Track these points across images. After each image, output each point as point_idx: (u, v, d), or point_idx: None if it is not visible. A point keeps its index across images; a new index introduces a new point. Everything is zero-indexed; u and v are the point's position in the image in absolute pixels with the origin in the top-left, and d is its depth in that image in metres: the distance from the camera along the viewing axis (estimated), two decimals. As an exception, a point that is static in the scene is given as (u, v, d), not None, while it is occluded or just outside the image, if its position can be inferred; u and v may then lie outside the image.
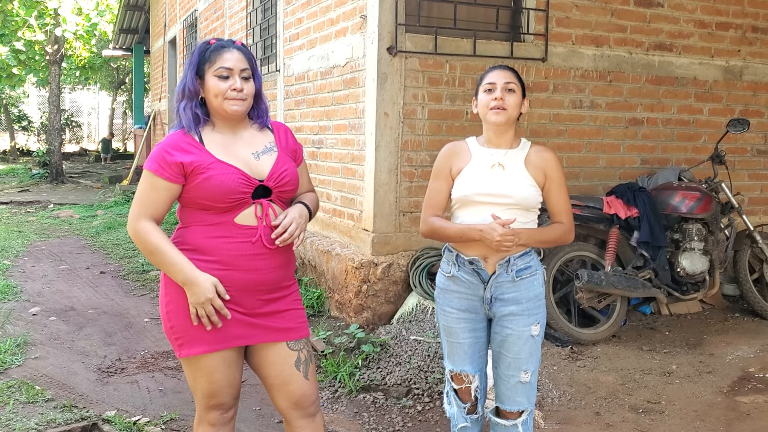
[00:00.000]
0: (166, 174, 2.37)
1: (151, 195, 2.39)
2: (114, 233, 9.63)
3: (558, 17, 5.61)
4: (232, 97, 2.40)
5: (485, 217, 2.65)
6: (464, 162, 2.76)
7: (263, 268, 2.44)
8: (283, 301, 2.53)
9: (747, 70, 6.39)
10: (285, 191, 2.49)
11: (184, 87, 2.43)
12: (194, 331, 2.41)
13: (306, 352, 2.57)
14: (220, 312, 2.38)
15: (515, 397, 2.74)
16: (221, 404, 2.52)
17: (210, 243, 2.40)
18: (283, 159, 2.50)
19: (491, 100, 2.68)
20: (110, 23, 17.87)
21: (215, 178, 2.35)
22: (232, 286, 2.41)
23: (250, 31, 8.18)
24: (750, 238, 5.76)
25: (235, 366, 2.51)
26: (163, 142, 2.43)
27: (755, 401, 4.12)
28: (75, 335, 5.28)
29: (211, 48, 2.43)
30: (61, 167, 17.69)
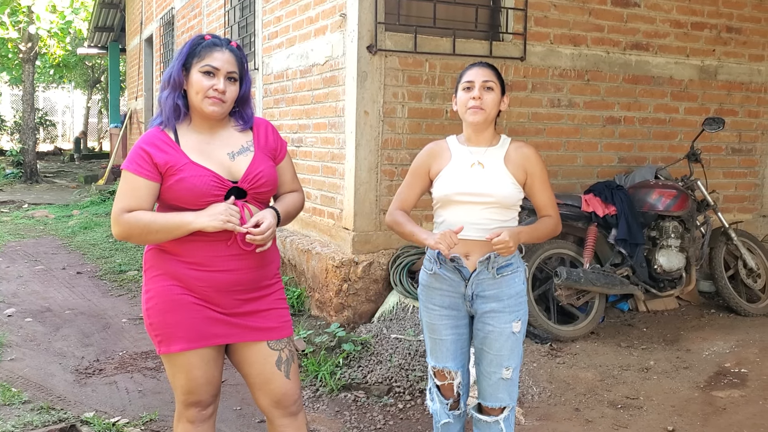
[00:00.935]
0: (144, 172, 2.36)
1: (132, 194, 2.37)
2: (90, 233, 9.53)
3: (536, 17, 5.65)
4: (212, 96, 2.37)
5: (467, 215, 2.67)
6: (444, 162, 2.77)
7: (240, 268, 2.43)
8: (264, 300, 2.52)
9: (722, 70, 6.48)
10: (261, 192, 2.46)
11: (169, 76, 2.41)
12: (173, 329, 2.41)
13: (288, 351, 2.56)
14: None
15: (497, 394, 2.76)
16: (199, 401, 2.51)
17: (186, 244, 2.39)
18: (260, 159, 2.48)
19: (469, 99, 2.68)
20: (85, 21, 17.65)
21: (187, 180, 2.34)
22: (209, 287, 2.41)
23: (228, 29, 8.13)
24: (725, 236, 5.84)
25: (214, 364, 2.50)
26: (140, 140, 2.41)
27: (731, 396, 4.18)
28: (52, 336, 5.22)
29: (204, 44, 2.41)
30: (36, 167, 17.46)
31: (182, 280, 2.41)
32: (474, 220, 2.68)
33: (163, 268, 2.43)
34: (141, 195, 2.36)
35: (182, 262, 2.40)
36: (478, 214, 2.68)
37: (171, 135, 2.41)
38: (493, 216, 2.68)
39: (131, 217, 2.34)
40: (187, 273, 2.40)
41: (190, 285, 2.41)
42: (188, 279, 2.41)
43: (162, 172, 2.36)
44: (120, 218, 2.36)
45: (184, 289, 2.41)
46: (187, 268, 2.40)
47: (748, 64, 6.61)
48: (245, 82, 2.48)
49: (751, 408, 4.02)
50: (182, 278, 2.41)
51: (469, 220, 2.68)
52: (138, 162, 2.36)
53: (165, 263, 2.43)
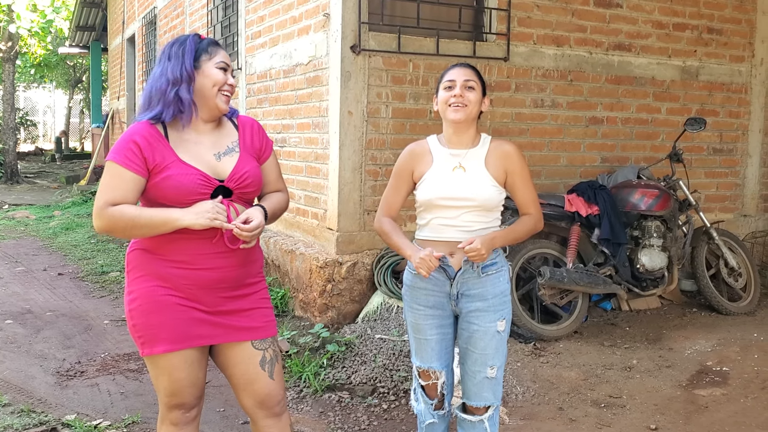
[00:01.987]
0: (133, 166, 2.32)
1: (117, 186, 2.33)
2: (72, 234, 9.45)
3: (520, 17, 5.66)
4: (226, 91, 2.44)
5: (450, 218, 2.69)
6: (426, 165, 2.77)
7: (225, 266, 2.43)
8: (247, 299, 2.51)
9: (703, 70, 6.53)
10: (246, 192, 2.48)
11: (181, 72, 2.38)
12: (156, 330, 2.39)
13: (272, 351, 2.55)
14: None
15: (481, 393, 2.76)
16: (183, 404, 2.49)
17: (171, 243, 2.38)
18: (245, 160, 2.49)
19: (450, 97, 2.68)
20: (66, 20, 17.49)
21: (174, 178, 2.34)
22: (193, 285, 2.40)
23: (211, 28, 8.09)
24: (707, 235, 5.88)
25: (198, 366, 2.49)
26: (130, 132, 2.37)
27: (713, 394, 4.21)
28: (32, 338, 5.17)
29: (208, 41, 2.47)
30: (16, 167, 17.29)
31: (166, 279, 2.39)
32: (457, 223, 2.69)
33: (147, 269, 2.41)
34: (127, 188, 2.33)
35: (166, 261, 2.38)
36: (461, 217, 2.69)
37: (161, 130, 2.40)
38: (475, 218, 2.69)
39: (116, 211, 2.30)
40: (171, 272, 2.39)
41: (175, 284, 2.39)
42: (172, 278, 2.39)
43: (150, 168, 2.34)
44: (103, 212, 2.31)
45: (168, 289, 2.39)
46: (171, 267, 2.38)
47: (729, 65, 6.67)
48: None
49: (733, 406, 4.05)
50: (166, 277, 2.39)
51: (453, 223, 2.70)
52: (126, 154, 2.32)
53: (148, 263, 2.41)
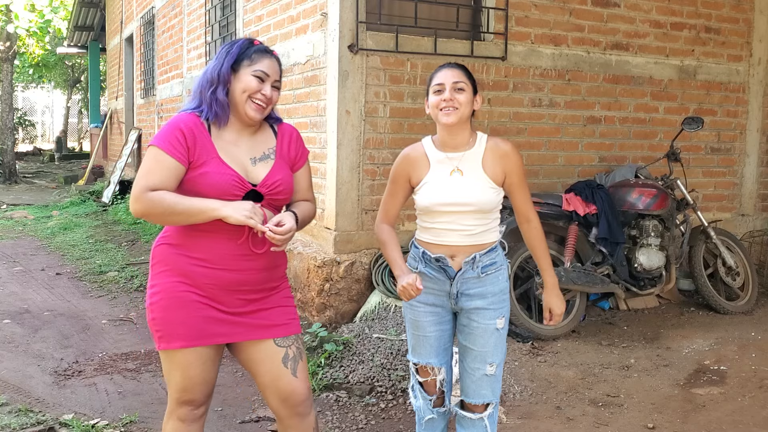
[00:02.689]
0: (175, 154, 2.34)
1: (158, 171, 2.33)
2: (70, 234, 9.44)
3: (517, 16, 5.66)
4: (258, 100, 2.42)
5: (450, 222, 2.69)
6: (423, 170, 2.75)
7: (249, 268, 2.44)
8: (269, 299, 2.52)
9: (701, 70, 6.54)
10: (277, 199, 2.49)
11: (218, 72, 2.41)
12: (174, 326, 2.41)
13: (295, 348, 2.55)
14: None
15: (480, 390, 2.76)
16: (192, 400, 2.50)
17: (197, 240, 2.41)
18: (279, 167, 2.50)
19: (441, 101, 2.65)
20: (64, 20, 17.50)
21: (210, 175, 2.36)
22: (214, 284, 2.42)
23: (209, 28, 8.10)
24: (704, 234, 5.89)
25: (211, 364, 2.50)
26: (176, 119, 2.40)
27: (710, 393, 4.21)
28: (30, 338, 5.16)
29: (255, 47, 2.45)
30: (15, 167, 17.28)
31: (189, 276, 2.41)
32: (457, 227, 2.69)
33: (171, 264, 2.43)
34: (167, 175, 2.33)
35: (190, 258, 2.40)
36: (461, 220, 2.69)
37: (206, 125, 2.43)
38: (475, 221, 2.70)
39: (155, 196, 2.30)
40: (193, 269, 2.40)
41: (196, 281, 2.41)
42: (195, 275, 2.41)
43: (191, 159, 2.36)
44: (143, 195, 2.30)
45: (190, 286, 2.41)
46: (194, 265, 2.40)
47: (727, 64, 6.67)
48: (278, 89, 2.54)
49: (730, 405, 4.05)
50: (189, 275, 2.41)
51: (453, 227, 2.70)
52: (171, 141, 2.34)
53: (173, 259, 2.43)
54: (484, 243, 2.71)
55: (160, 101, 10.95)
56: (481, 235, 2.70)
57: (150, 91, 11.87)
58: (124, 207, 10.96)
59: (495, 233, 2.75)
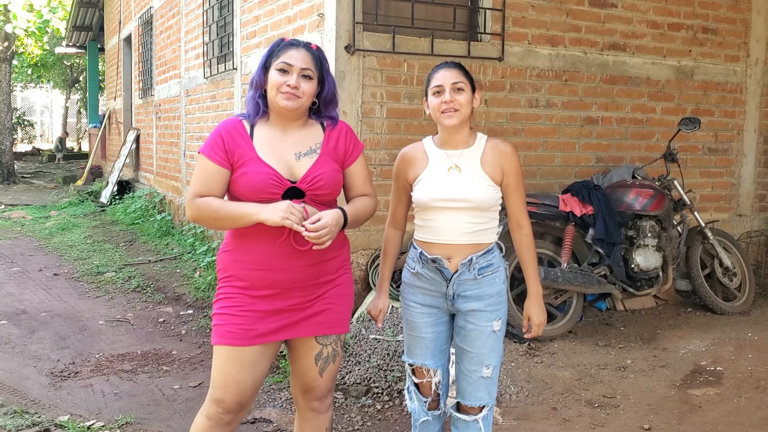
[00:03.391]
0: (216, 158, 2.45)
1: (205, 177, 2.47)
2: (68, 234, 9.44)
3: (514, 17, 5.66)
4: (285, 92, 2.44)
5: (447, 219, 2.69)
6: (421, 167, 2.76)
7: (294, 267, 2.48)
8: (325, 296, 2.56)
9: (698, 70, 6.54)
10: (319, 194, 2.49)
11: (253, 79, 2.54)
12: (225, 322, 2.49)
13: (331, 349, 2.61)
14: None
15: (476, 393, 2.75)
16: (222, 400, 2.50)
17: (244, 242, 2.48)
18: (323, 162, 2.52)
19: (441, 104, 2.66)
20: (63, 20, 17.48)
21: (248, 175, 2.42)
22: (270, 286, 2.47)
23: (206, 28, 8.09)
24: (701, 235, 5.89)
25: (250, 368, 2.50)
26: (219, 125, 2.52)
27: (706, 394, 4.22)
28: (27, 339, 5.16)
29: (282, 44, 2.52)
30: (13, 167, 17.27)
31: (245, 280, 2.48)
32: (454, 225, 2.69)
33: (230, 270, 2.52)
34: (212, 180, 2.46)
35: (244, 262, 2.48)
36: (457, 218, 2.68)
37: (247, 127, 2.50)
38: (473, 219, 2.69)
39: (201, 202, 2.44)
40: (248, 273, 2.48)
41: (251, 283, 2.47)
42: (251, 279, 2.48)
43: (232, 162, 2.46)
44: (192, 202, 2.46)
45: (242, 288, 2.48)
46: (247, 269, 2.47)
47: (724, 65, 6.67)
48: (327, 82, 2.55)
49: (726, 406, 4.05)
50: (245, 278, 2.49)
51: (449, 224, 2.69)
52: (212, 147, 2.46)
53: (230, 265, 2.51)
54: (480, 243, 2.70)
55: (158, 101, 10.95)
56: (478, 235, 2.69)
57: (148, 91, 11.86)
58: (122, 207, 10.96)
59: (492, 234, 2.75)
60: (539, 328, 2.76)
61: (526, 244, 2.78)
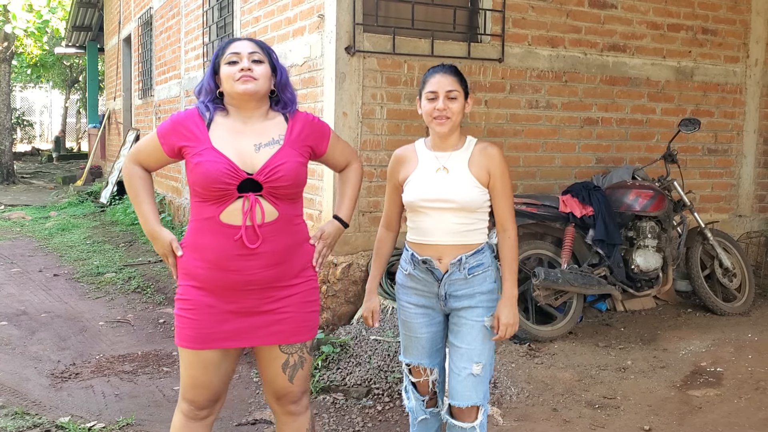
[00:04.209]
0: (162, 140, 2.50)
1: (147, 150, 2.56)
2: (68, 235, 9.44)
3: (514, 18, 5.67)
4: (241, 77, 2.43)
5: (435, 220, 2.71)
6: (411, 168, 2.80)
7: (250, 267, 2.42)
8: (287, 301, 2.50)
9: (698, 71, 6.54)
10: (277, 187, 2.42)
11: (201, 86, 2.56)
12: (183, 326, 2.48)
13: (297, 357, 2.56)
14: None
15: (465, 392, 2.73)
16: (193, 401, 2.52)
17: (199, 241, 2.45)
18: (284, 153, 2.46)
19: (434, 110, 2.69)
20: (62, 20, 17.47)
21: (203, 165, 2.39)
22: (224, 286, 2.43)
23: (206, 29, 8.09)
24: (701, 235, 5.89)
25: (214, 370, 2.50)
26: (182, 113, 2.53)
27: (707, 395, 4.22)
28: (27, 340, 5.16)
29: (224, 43, 2.54)
30: (12, 167, 17.25)
31: (199, 279, 2.45)
32: (442, 225, 2.71)
33: (185, 268, 2.49)
34: (150, 156, 2.56)
35: (199, 261, 2.45)
36: (445, 218, 2.71)
37: (205, 120, 2.48)
38: (460, 220, 2.71)
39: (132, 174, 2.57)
40: (200, 273, 2.45)
41: (207, 285, 2.45)
42: (203, 278, 2.45)
43: (178, 150, 2.49)
44: (129, 165, 2.58)
45: (199, 289, 2.46)
46: (202, 268, 2.44)
47: (724, 66, 6.68)
48: (279, 68, 2.55)
49: (727, 407, 4.06)
50: (199, 278, 2.45)
51: (437, 225, 2.72)
52: (166, 130, 2.51)
53: (187, 263, 2.48)
54: (469, 244, 2.73)
55: (158, 102, 10.94)
56: (466, 235, 2.71)
57: (148, 91, 11.86)
58: (122, 208, 10.95)
59: (481, 234, 2.77)
60: (507, 328, 2.70)
61: (508, 247, 2.77)
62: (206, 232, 2.43)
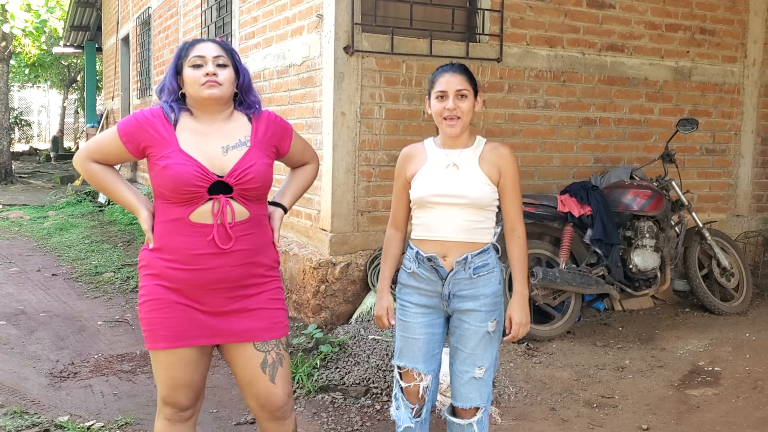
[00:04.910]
0: (124, 139, 2.45)
1: (106, 146, 2.49)
2: (66, 234, 9.44)
3: (512, 18, 5.67)
4: (205, 82, 2.42)
5: (443, 216, 2.70)
6: (420, 164, 2.79)
7: (222, 266, 2.43)
8: (254, 299, 2.50)
9: (695, 71, 6.55)
10: (247, 189, 2.44)
11: (163, 86, 2.53)
12: (157, 327, 2.45)
13: (275, 354, 2.54)
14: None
15: (468, 393, 2.74)
16: (176, 402, 2.51)
17: (169, 241, 2.42)
18: (253, 155, 2.47)
19: (444, 110, 2.68)
20: (61, 20, 17.47)
21: (172, 168, 2.36)
22: (192, 285, 2.42)
23: (204, 29, 8.09)
24: (699, 235, 5.90)
25: (195, 367, 2.50)
26: (145, 112, 2.47)
27: (704, 394, 4.23)
28: (26, 339, 5.16)
29: (188, 44, 2.51)
30: (10, 167, 17.24)
31: (168, 279, 2.43)
32: (450, 221, 2.70)
33: (153, 267, 2.46)
34: (110, 154, 2.51)
35: (166, 261, 2.42)
36: (454, 215, 2.69)
37: (171, 119, 2.46)
38: (469, 217, 2.69)
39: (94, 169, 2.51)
40: (170, 272, 2.42)
41: (176, 284, 2.43)
42: (173, 278, 2.43)
43: (141, 150, 2.45)
44: (85, 163, 2.51)
45: (169, 289, 2.43)
46: (170, 268, 2.42)
47: (722, 66, 6.69)
48: (241, 71, 2.54)
49: (724, 406, 4.07)
50: (168, 277, 2.43)
51: (446, 221, 2.70)
52: (126, 128, 2.45)
53: (153, 262, 2.46)
54: (476, 242, 2.71)
55: (156, 101, 10.94)
56: (474, 233, 2.70)
57: (146, 91, 11.86)
58: (120, 207, 10.94)
59: (488, 234, 2.75)
60: (520, 328, 2.71)
61: (518, 247, 2.77)
62: (175, 233, 2.41)
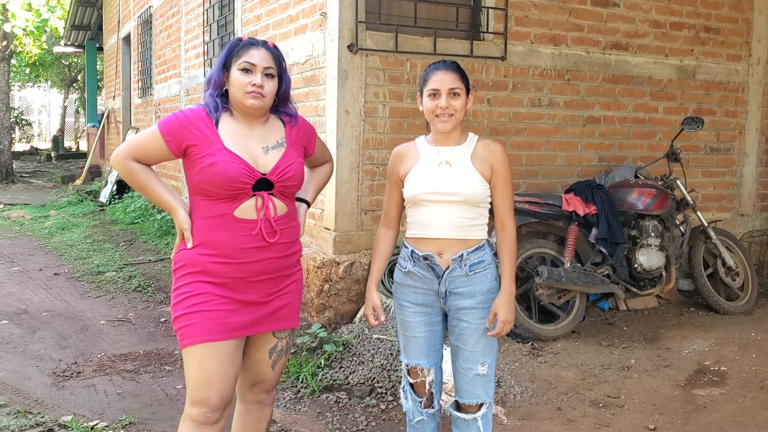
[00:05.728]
0: (167, 138, 2.48)
1: (147, 145, 2.51)
2: (67, 234, 9.42)
3: (517, 16, 5.65)
4: (251, 91, 2.48)
5: (436, 214, 2.70)
6: (412, 162, 2.79)
7: (266, 258, 2.53)
8: (286, 288, 2.63)
9: (700, 69, 6.53)
10: (287, 186, 2.56)
11: (211, 77, 2.56)
12: (199, 320, 2.47)
13: (285, 343, 2.68)
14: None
15: (473, 390, 2.77)
16: (207, 399, 2.47)
17: (212, 237, 2.48)
18: (290, 155, 2.59)
19: (437, 108, 2.69)
20: (61, 19, 17.44)
21: (219, 165, 2.43)
22: (236, 279, 2.49)
23: (206, 28, 8.08)
24: (704, 234, 5.88)
25: (230, 361, 2.51)
26: (186, 112, 2.52)
27: (711, 394, 4.21)
28: (28, 339, 5.14)
29: (241, 44, 2.54)
30: (11, 167, 17.23)
31: (211, 273, 2.48)
32: (444, 218, 2.70)
33: (196, 265, 2.49)
34: (151, 154, 2.53)
35: (209, 256, 2.47)
36: (447, 212, 2.70)
37: (213, 119, 2.52)
38: (462, 214, 2.70)
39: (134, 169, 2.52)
40: (215, 268, 2.48)
41: (221, 278, 2.48)
42: (218, 273, 2.48)
43: (183, 149, 2.48)
44: (125, 162, 2.52)
45: (213, 284, 2.48)
46: (215, 263, 2.47)
47: (726, 64, 6.67)
48: (284, 80, 2.59)
49: (731, 405, 4.05)
50: (212, 272, 2.48)
51: (439, 219, 2.70)
52: (169, 128, 2.48)
53: (195, 259, 2.49)
54: (471, 239, 2.72)
55: (157, 101, 10.92)
56: (468, 230, 2.70)
57: (147, 90, 11.84)
58: (121, 207, 10.93)
59: (482, 231, 2.75)
60: (504, 325, 2.68)
61: (507, 244, 2.77)
62: (219, 229, 2.48)
